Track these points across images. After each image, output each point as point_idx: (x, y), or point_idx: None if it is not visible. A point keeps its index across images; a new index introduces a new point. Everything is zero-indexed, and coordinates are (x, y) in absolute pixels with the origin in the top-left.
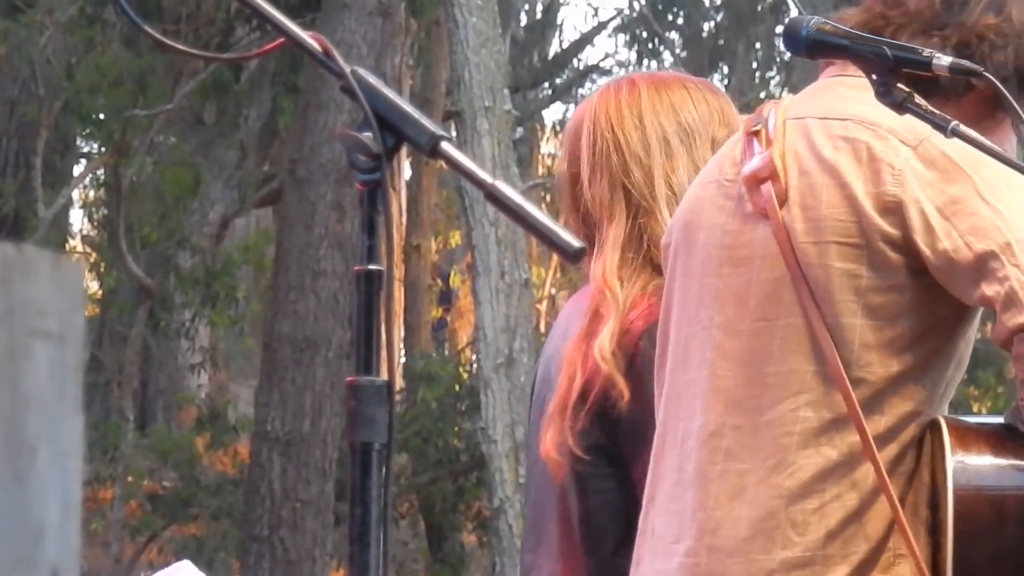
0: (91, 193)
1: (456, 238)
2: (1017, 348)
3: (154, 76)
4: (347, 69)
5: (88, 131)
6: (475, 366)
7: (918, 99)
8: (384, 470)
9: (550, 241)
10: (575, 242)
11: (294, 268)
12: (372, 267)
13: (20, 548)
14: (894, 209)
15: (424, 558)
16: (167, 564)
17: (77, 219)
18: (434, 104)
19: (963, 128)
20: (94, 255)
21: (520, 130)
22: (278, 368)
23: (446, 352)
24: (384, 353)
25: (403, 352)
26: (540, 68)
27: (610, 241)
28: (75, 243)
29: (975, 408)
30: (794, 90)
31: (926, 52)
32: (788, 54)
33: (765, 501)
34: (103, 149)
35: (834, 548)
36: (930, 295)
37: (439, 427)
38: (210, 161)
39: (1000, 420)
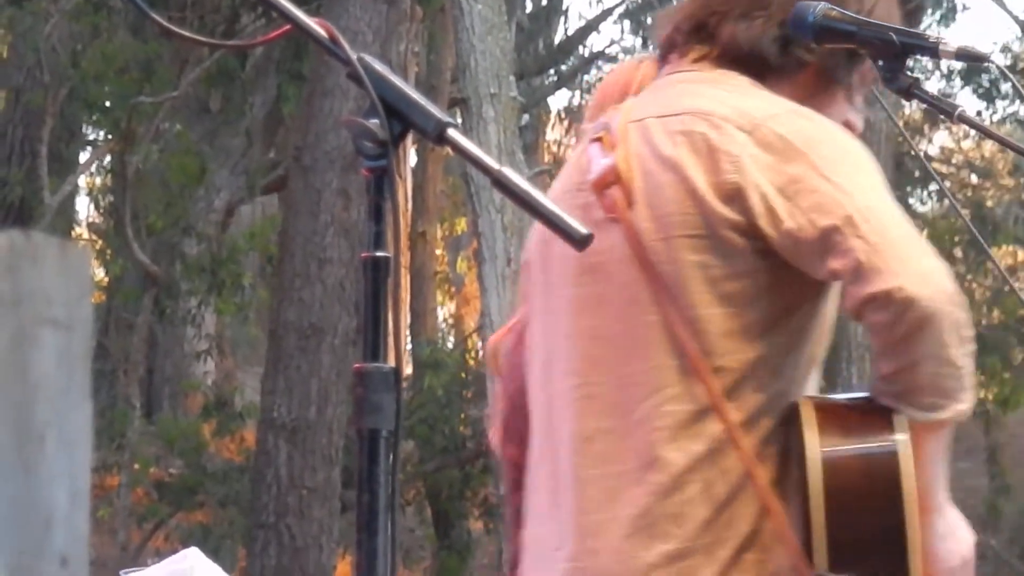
0: (97, 180)
1: (462, 225)
2: (870, 317)
3: (160, 63)
4: (353, 56)
5: (94, 118)
6: (481, 353)
7: (924, 85)
8: (391, 457)
9: (557, 227)
10: (582, 228)
11: (300, 255)
12: (379, 254)
13: (29, 536)
14: (735, 196)
15: (431, 545)
16: (174, 551)
17: (83, 206)
18: (440, 91)
19: (967, 114)
20: (100, 242)
21: (526, 117)
22: (284, 355)
23: (452, 339)
24: (391, 340)
25: (409, 339)
26: (546, 55)
27: None
28: (81, 230)
29: (982, 394)
30: None
31: (932, 38)
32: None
33: (641, 499)
34: (109, 136)
35: (711, 535)
36: (781, 276)
37: (445, 414)
38: (216, 148)
39: (865, 394)
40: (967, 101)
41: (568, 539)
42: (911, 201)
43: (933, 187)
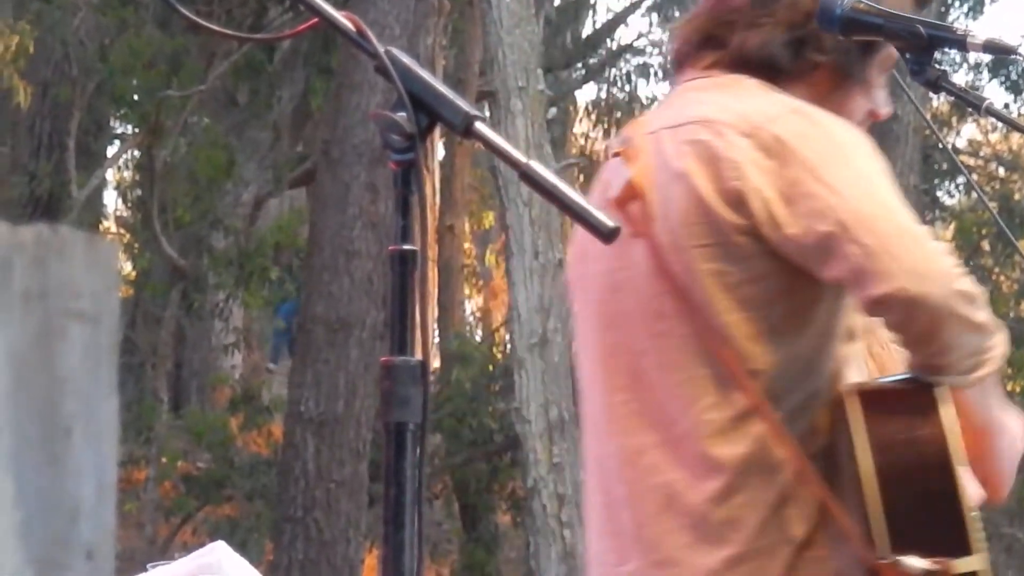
0: (125, 174)
1: (490, 218)
2: (889, 317)
3: (187, 57)
4: (381, 49)
5: (122, 112)
6: (509, 346)
7: (951, 78)
8: (418, 450)
9: (584, 221)
10: (609, 222)
11: (328, 249)
12: (406, 247)
13: (56, 529)
14: (738, 201)
15: (458, 539)
16: (201, 545)
17: (111, 200)
18: (468, 84)
19: (995, 107)
20: (128, 236)
21: (554, 110)
22: (311, 349)
23: (480, 332)
24: (419, 333)
25: (437, 333)
26: (573, 48)
27: None
28: (109, 224)
29: (1009, 387)
30: None
31: (960, 31)
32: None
33: (695, 506)
34: (136, 130)
35: (770, 536)
36: (796, 276)
37: (473, 407)
38: (243, 142)
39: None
40: (995, 94)
41: (630, 554)
42: (939, 194)
43: (961, 180)
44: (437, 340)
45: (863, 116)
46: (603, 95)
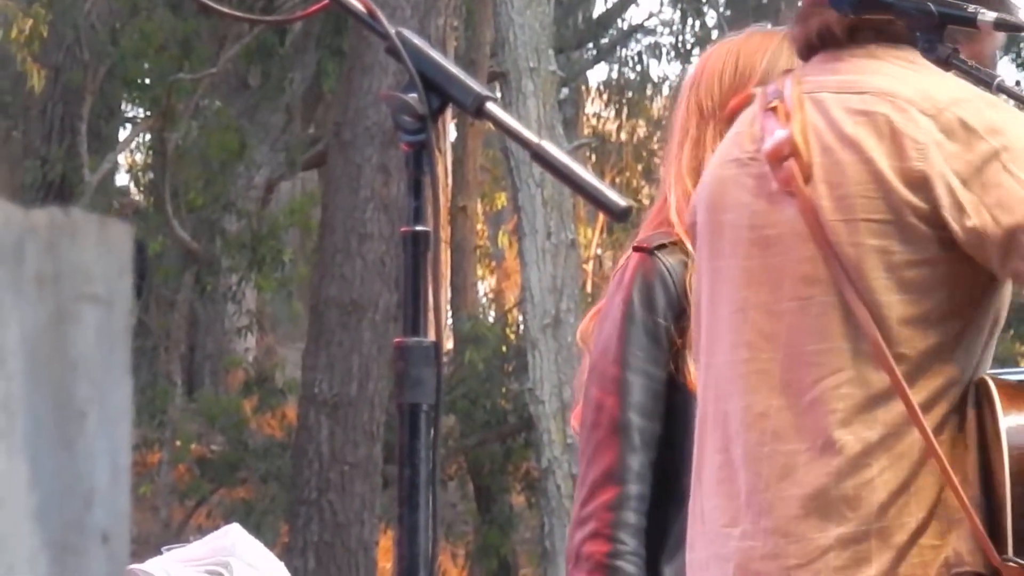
0: (137, 158)
1: (502, 199)
2: None
3: (199, 40)
4: (392, 31)
5: (133, 96)
6: (522, 327)
7: (962, 55)
8: (432, 432)
9: (596, 201)
10: (621, 201)
11: (340, 231)
12: (419, 228)
13: (71, 513)
14: (921, 184)
15: (473, 520)
16: (216, 528)
17: (123, 184)
18: (479, 65)
19: (1007, 83)
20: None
21: (565, 90)
22: (325, 331)
23: (492, 313)
24: (432, 314)
25: (450, 314)
26: (585, 28)
27: None
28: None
29: (1022, 364)
30: None
31: (971, 8)
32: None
33: (815, 479)
34: (148, 114)
35: (888, 519)
36: (962, 266)
37: (486, 388)
38: (255, 125)
39: None
40: (1006, 71)
41: (741, 516)
42: None
43: None
44: (450, 321)
45: None
46: (615, 75)
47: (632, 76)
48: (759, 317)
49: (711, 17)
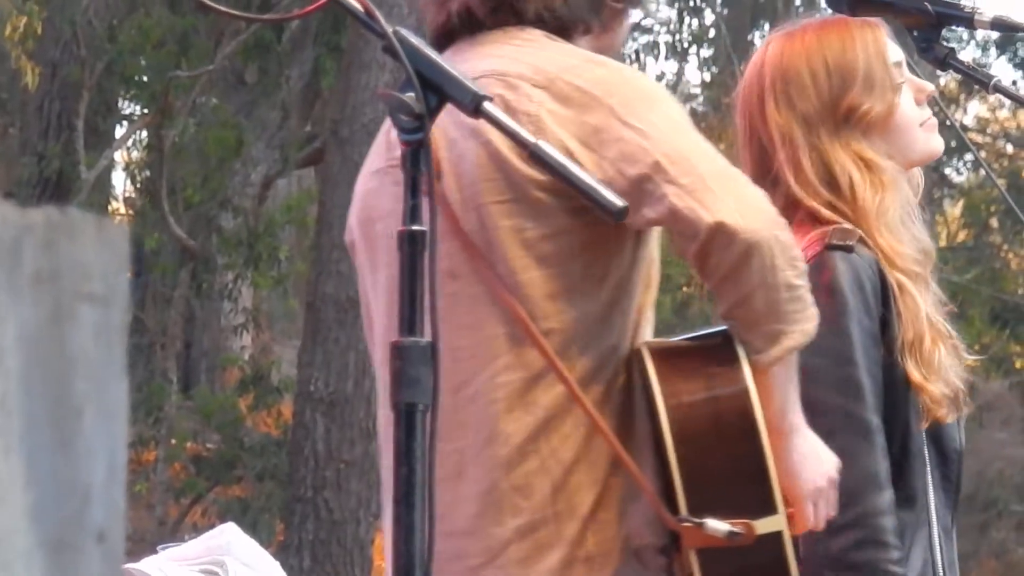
0: (134, 155)
1: None
2: (696, 258)
3: (196, 37)
4: (389, 29)
5: (130, 93)
6: None
7: (958, 55)
8: (429, 431)
9: (593, 199)
10: (618, 201)
11: (337, 228)
12: (415, 228)
13: (67, 510)
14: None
15: None
16: (212, 526)
17: (120, 181)
18: None
19: (1003, 84)
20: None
21: None
22: (321, 328)
23: None
24: (428, 314)
25: None
26: None
27: None
28: (118, 205)
29: (1018, 365)
30: None
31: (967, 8)
32: (829, 11)
33: (485, 474)
34: (145, 111)
35: (562, 503)
36: (597, 231)
37: None
38: (252, 122)
39: (712, 329)
40: (1003, 71)
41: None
42: (947, 171)
43: (969, 157)
44: None
45: None
46: None
47: None
48: None
49: (708, 15)
